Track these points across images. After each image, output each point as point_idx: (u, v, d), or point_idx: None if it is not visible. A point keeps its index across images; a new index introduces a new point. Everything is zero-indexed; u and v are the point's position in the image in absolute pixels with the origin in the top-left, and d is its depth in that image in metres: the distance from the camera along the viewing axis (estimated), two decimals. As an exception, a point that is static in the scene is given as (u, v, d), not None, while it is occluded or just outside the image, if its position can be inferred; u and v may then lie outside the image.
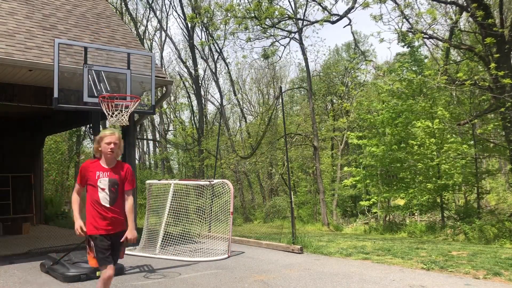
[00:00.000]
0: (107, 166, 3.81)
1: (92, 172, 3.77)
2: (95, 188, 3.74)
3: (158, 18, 28.04)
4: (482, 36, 12.31)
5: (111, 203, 3.77)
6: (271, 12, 13.68)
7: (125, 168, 3.88)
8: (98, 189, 3.73)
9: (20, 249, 7.94)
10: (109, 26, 10.13)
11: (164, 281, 5.68)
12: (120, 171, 3.84)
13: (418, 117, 14.61)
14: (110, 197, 3.76)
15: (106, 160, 3.81)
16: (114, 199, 3.79)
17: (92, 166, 3.80)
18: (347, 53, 31.60)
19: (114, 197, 3.78)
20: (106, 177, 3.76)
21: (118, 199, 3.82)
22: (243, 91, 33.93)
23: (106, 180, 3.75)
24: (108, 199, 3.75)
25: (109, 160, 3.80)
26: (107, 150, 3.74)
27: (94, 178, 3.75)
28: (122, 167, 3.87)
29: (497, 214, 14.70)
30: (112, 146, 3.73)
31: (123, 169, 3.86)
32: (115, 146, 3.75)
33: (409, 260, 6.60)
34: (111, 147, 3.73)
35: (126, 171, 3.86)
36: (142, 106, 7.40)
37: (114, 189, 3.78)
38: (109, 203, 3.76)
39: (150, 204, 8.44)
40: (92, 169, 3.78)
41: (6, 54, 7.12)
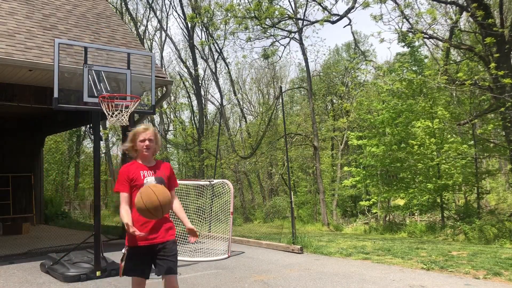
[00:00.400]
0: (149, 165, 3.41)
1: (136, 173, 3.32)
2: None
3: (158, 18, 28.04)
4: (482, 36, 12.31)
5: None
6: (271, 12, 13.67)
7: (166, 166, 3.49)
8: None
9: (20, 249, 7.94)
10: (109, 26, 10.13)
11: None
12: (163, 169, 3.43)
13: (418, 117, 14.61)
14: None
15: (144, 159, 3.40)
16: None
17: (133, 167, 3.36)
18: (347, 53, 31.60)
19: None
20: (151, 175, 3.33)
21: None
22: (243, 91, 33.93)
23: (152, 179, 3.30)
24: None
25: (147, 158, 3.40)
26: (143, 147, 3.34)
27: (140, 178, 3.29)
28: (163, 165, 3.49)
29: (497, 214, 14.70)
30: (147, 143, 3.34)
31: (165, 167, 3.47)
32: (150, 142, 3.36)
33: (409, 260, 6.60)
34: (147, 144, 3.34)
35: (168, 169, 3.47)
36: (142, 106, 7.41)
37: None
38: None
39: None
40: (135, 169, 3.34)
41: (6, 54, 7.12)
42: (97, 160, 6.21)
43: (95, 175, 6.15)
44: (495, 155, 16.90)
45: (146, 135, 3.36)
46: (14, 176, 12.07)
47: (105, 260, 6.09)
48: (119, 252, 7.67)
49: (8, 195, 11.93)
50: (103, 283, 5.58)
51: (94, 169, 6.18)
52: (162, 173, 3.37)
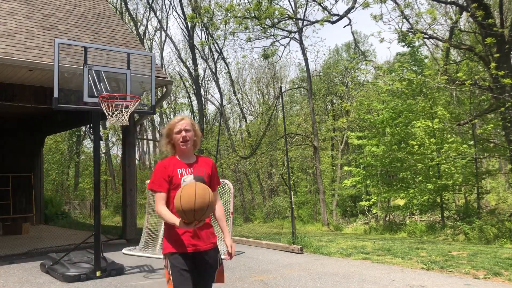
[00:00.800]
0: (188, 162, 2.92)
1: (173, 170, 2.85)
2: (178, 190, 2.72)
3: (158, 18, 28.05)
4: (482, 36, 12.31)
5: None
6: (271, 12, 13.68)
7: (209, 163, 2.99)
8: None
9: (20, 249, 7.94)
10: (109, 26, 10.13)
11: (164, 281, 5.67)
12: (205, 167, 2.94)
13: (418, 117, 14.61)
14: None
15: (182, 154, 2.92)
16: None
17: (171, 163, 2.89)
18: (347, 53, 31.60)
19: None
20: (190, 173, 2.84)
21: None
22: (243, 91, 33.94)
23: (191, 178, 2.82)
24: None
25: (186, 153, 2.91)
26: (179, 140, 2.87)
27: (177, 177, 2.83)
28: (205, 161, 2.98)
29: (497, 214, 14.71)
30: (184, 133, 2.86)
31: (207, 164, 2.97)
32: (188, 133, 2.88)
33: (409, 260, 6.60)
34: (183, 135, 2.87)
35: (211, 166, 2.97)
36: (142, 106, 7.40)
37: None
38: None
39: (150, 204, 8.44)
40: (172, 166, 2.87)
41: (6, 54, 7.12)
42: (97, 160, 6.21)
43: (95, 175, 6.15)
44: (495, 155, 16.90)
45: (182, 125, 2.89)
46: (14, 176, 12.07)
47: (105, 260, 6.09)
48: (119, 252, 7.69)
49: (8, 195, 11.93)
50: (103, 283, 5.58)
51: (94, 169, 6.18)
52: (202, 170, 2.89)
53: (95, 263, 5.84)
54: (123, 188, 9.57)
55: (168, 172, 2.84)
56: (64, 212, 15.34)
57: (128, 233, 9.33)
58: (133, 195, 9.56)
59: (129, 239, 9.17)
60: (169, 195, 2.82)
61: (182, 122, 2.92)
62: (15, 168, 12.15)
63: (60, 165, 23.53)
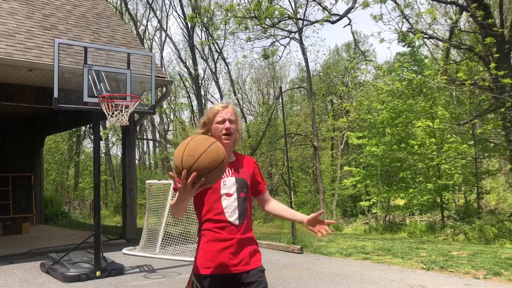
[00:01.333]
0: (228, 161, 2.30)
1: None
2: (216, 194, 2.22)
3: (158, 18, 28.05)
4: (482, 36, 12.32)
5: (241, 218, 2.23)
6: (271, 12, 13.68)
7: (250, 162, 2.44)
8: (222, 195, 2.23)
9: (20, 249, 7.94)
10: (109, 26, 10.13)
11: (164, 281, 5.68)
12: (246, 167, 2.38)
13: (418, 117, 14.62)
14: (239, 208, 2.23)
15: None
16: (245, 212, 2.25)
17: None
18: (347, 53, 31.59)
19: (245, 207, 2.26)
20: (231, 175, 2.28)
21: (249, 212, 2.32)
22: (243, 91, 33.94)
23: (232, 180, 2.26)
24: (237, 212, 2.22)
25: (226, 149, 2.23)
26: (222, 132, 2.27)
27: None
28: (246, 160, 2.42)
29: (497, 214, 14.71)
30: (228, 125, 2.27)
31: (248, 163, 2.41)
32: (231, 124, 2.29)
33: (409, 260, 6.60)
34: (227, 127, 2.27)
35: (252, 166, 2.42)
36: (142, 106, 7.41)
37: (244, 194, 2.28)
38: (239, 218, 2.22)
39: (150, 204, 8.45)
40: None
41: (6, 54, 7.12)
42: (97, 160, 6.21)
43: (95, 175, 6.15)
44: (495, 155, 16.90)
45: (227, 114, 2.30)
46: (14, 176, 12.07)
47: (105, 260, 6.09)
48: (119, 252, 7.70)
49: (8, 195, 11.94)
50: (103, 283, 5.58)
51: (94, 169, 6.18)
52: (244, 172, 2.35)
53: (95, 263, 5.84)
54: (123, 188, 9.57)
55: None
56: (64, 212, 15.34)
57: (128, 233, 9.33)
58: (133, 195, 9.57)
59: (129, 239, 9.18)
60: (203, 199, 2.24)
61: (227, 110, 2.32)
62: (15, 168, 12.16)
63: (60, 165, 23.54)
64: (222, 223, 2.19)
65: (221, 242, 2.18)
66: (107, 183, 27.44)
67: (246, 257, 2.22)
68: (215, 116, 2.31)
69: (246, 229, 2.25)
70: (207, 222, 2.21)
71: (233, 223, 2.20)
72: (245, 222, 2.25)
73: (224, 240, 2.18)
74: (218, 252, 2.17)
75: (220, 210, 2.20)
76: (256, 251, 2.32)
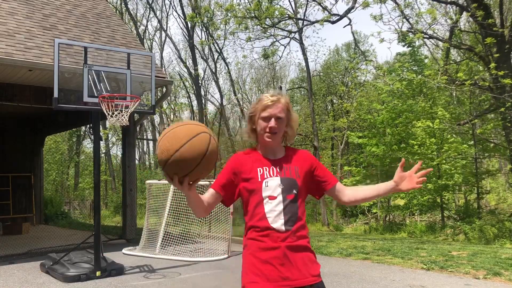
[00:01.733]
0: (273, 158, 2.07)
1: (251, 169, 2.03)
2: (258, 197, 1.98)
3: (158, 18, 28.07)
4: (482, 36, 12.32)
5: (288, 224, 1.94)
6: (271, 12, 13.68)
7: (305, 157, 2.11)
8: (264, 199, 1.97)
9: (20, 249, 7.94)
10: (109, 26, 10.13)
11: (164, 281, 5.68)
12: (297, 163, 2.07)
13: (418, 117, 14.62)
14: (285, 213, 1.95)
15: (266, 147, 2.08)
16: (294, 216, 1.96)
17: (249, 159, 2.07)
18: (347, 53, 31.60)
19: (294, 211, 1.97)
20: (275, 175, 2.00)
21: (300, 216, 1.99)
22: (243, 91, 33.94)
23: (277, 181, 1.99)
24: (282, 217, 1.94)
25: (272, 147, 2.07)
26: (265, 130, 2.01)
27: (256, 178, 2.01)
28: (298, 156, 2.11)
29: (497, 214, 14.71)
30: (273, 124, 2.00)
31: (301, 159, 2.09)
32: (278, 123, 2.01)
33: (409, 260, 6.60)
34: (272, 126, 2.00)
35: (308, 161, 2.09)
36: (142, 106, 7.41)
37: (293, 196, 1.99)
38: (285, 224, 1.94)
39: (150, 204, 8.45)
40: (250, 163, 2.05)
41: (6, 54, 7.12)
42: (97, 160, 6.21)
43: (95, 175, 6.15)
44: (495, 155, 16.90)
45: (274, 110, 2.01)
46: (14, 176, 12.07)
47: (105, 260, 6.09)
48: (119, 252, 7.69)
49: (8, 195, 11.94)
50: (103, 283, 5.58)
51: (94, 169, 6.18)
52: (293, 169, 2.04)
53: (95, 263, 5.84)
54: (123, 188, 9.57)
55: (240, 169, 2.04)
56: (64, 212, 15.34)
57: (128, 233, 9.33)
58: (133, 195, 9.57)
59: (129, 239, 9.18)
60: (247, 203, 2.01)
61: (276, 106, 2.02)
62: (15, 168, 12.16)
63: (60, 165, 23.55)
64: (266, 230, 1.93)
65: (265, 252, 1.91)
66: (107, 183, 27.44)
67: (299, 269, 1.92)
68: (262, 111, 2.03)
69: (297, 236, 1.95)
70: (251, 229, 1.98)
71: (277, 229, 1.92)
72: (295, 228, 1.94)
73: (267, 249, 1.91)
74: (262, 263, 1.91)
75: (262, 215, 1.94)
76: (313, 262, 1.99)
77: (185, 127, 1.73)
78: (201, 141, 1.70)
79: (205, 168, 1.73)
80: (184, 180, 1.71)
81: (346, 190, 2.10)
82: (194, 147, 1.67)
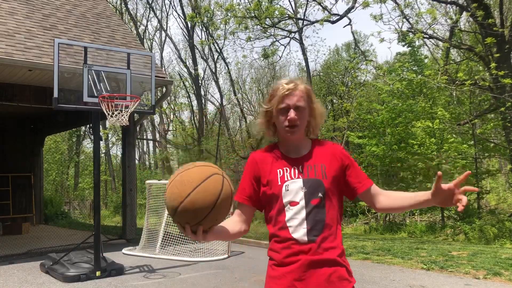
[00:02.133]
0: (296, 156, 1.77)
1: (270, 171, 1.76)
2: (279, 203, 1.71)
3: (158, 18, 28.07)
4: (482, 36, 12.32)
5: (312, 233, 1.67)
6: (271, 12, 13.68)
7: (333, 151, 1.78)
8: (285, 205, 1.70)
9: (20, 249, 7.94)
10: (109, 26, 10.13)
11: (164, 281, 5.68)
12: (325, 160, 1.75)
13: (418, 117, 14.63)
14: (309, 220, 1.67)
15: (287, 143, 1.80)
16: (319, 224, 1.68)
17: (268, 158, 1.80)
18: (347, 53, 31.61)
19: (319, 219, 1.68)
20: (296, 177, 1.72)
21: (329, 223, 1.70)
22: (243, 91, 33.94)
23: (299, 183, 1.70)
24: (305, 225, 1.67)
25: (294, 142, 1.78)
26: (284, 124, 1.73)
27: (275, 181, 1.73)
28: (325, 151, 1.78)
29: (497, 214, 14.70)
30: (292, 115, 1.71)
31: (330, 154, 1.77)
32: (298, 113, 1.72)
33: (409, 260, 6.60)
34: (291, 117, 1.71)
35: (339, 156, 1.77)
36: (142, 106, 7.41)
37: (318, 200, 1.69)
38: (308, 234, 1.66)
39: (150, 204, 8.44)
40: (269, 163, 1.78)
41: (6, 54, 7.12)
42: (97, 160, 6.21)
43: (95, 175, 6.15)
44: (495, 155, 16.90)
45: (292, 99, 1.72)
46: (14, 176, 12.08)
47: (105, 260, 6.09)
48: (119, 252, 7.69)
49: (8, 195, 11.94)
50: (103, 283, 5.58)
51: (94, 169, 6.18)
52: (320, 168, 1.72)
53: (95, 263, 5.84)
54: (123, 188, 9.57)
55: (261, 175, 1.77)
56: (64, 212, 15.34)
57: (128, 233, 9.33)
58: (133, 195, 9.57)
59: (129, 239, 9.18)
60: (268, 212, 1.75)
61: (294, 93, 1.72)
62: (15, 168, 12.16)
63: (60, 165, 23.54)
64: (286, 241, 1.67)
65: (283, 267, 1.67)
66: (107, 183, 27.44)
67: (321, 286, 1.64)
68: (280, 102, 1.73)
69: (323, 249, 1.66)
70: (273, 240, 1.73)
71: (299, 240, 1.65)
72: (320, 238, 1.65)
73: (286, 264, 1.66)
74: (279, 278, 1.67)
75: (283, 224, 1.68)
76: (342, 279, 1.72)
77: (194, 169, 1.52)
78: (213, 184, 1.50)
79: (220, 213, 1.53)
80: (198, 229, 1.51)
81: (381, 195, 1.76)
82: (205, 192, 1.47)
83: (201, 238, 1.54)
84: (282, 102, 1.72)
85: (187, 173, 1.51)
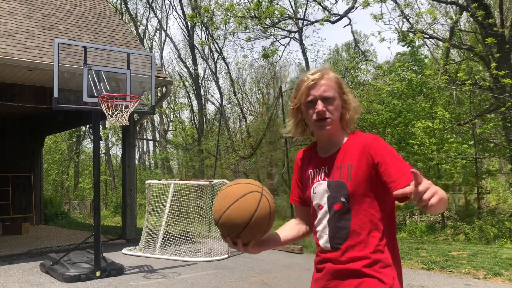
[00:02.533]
0: (326, 154, 1.65)
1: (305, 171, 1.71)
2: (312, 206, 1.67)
3: (158, 18, 28.08)
4: (482, 36, 12.32)
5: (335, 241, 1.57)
6: (271, 12, 13.68)
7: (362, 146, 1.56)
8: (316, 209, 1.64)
9: (20, 249, 7.94)
10: (109, 26, 10.13)
11: (164, 281, 5.67)
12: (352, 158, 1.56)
13: (418, 117, 14.62)
14: (331, 227, 1.58)
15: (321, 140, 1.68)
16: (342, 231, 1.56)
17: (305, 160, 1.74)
18: (347, 53, 31.63)
19: (342, 225, 1.56)
20: (323, 178, 1.62)
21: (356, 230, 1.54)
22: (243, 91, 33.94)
23: (323, 185, 1.61)
24: (327, 232, 1.59)
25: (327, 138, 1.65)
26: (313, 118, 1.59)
27: (308, 183, 1.68)
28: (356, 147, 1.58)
29: (497, 214, 14.70)
30: (320, 107, 1.56)
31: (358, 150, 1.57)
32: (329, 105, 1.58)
33: (409, 260, 6.59)
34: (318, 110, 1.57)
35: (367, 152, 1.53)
36: (142, 106, 7.41)
37: (340, 205, 1.56)
38: (330, 241, 1.58)
39: (150, 204, 8.44)
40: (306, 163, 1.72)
41: (6, 54, 7.12)
42: (97, 160, 6.21)
43: (95, 175, 6.15)
44: (495, 155, 16.90)
45: (318, 90, 1.57)
46: (14, 176, 12.08)
47: (105, 260, 6.09)
48: (119, 252, 7.69)
49: (8, 195, 11.93)
50: (103, 283, 5.58)
51: (94, 169, 6.18)
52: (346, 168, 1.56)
53: (95, 263, 5.83)
54: (123, 188, 9.57)
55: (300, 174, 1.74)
56: (64, 212, 15.34)
57: (128, 233, 9.33)
58: (133, 195, 9.57)
59: (129, 239, 9.17)
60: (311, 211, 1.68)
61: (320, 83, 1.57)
62: (15, 168, 12.16)
63: (60, 165, 23.54)
64: (317, 246, 1.64)
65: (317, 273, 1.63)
66: (107, 183, 27.44)
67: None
68: (305, 95, 1.59)
69: (348, 258, 1.52)
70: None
71: (324, 248, 1.58)
72: (345, 247, 1.53)
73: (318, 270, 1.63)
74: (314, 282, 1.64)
75: (315, 228, 1.64)
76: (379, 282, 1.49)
77: (235, 186, 1.56)
78: (249, 202, 1.50)
79: (257, 229, 1.51)
80: (237, 242, 1.54)
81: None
82: (239, 209, 1.49)
83: (243, 250, 1.58)
84: (308, 95, 1.59)
85: (229, 189, 1.55)
